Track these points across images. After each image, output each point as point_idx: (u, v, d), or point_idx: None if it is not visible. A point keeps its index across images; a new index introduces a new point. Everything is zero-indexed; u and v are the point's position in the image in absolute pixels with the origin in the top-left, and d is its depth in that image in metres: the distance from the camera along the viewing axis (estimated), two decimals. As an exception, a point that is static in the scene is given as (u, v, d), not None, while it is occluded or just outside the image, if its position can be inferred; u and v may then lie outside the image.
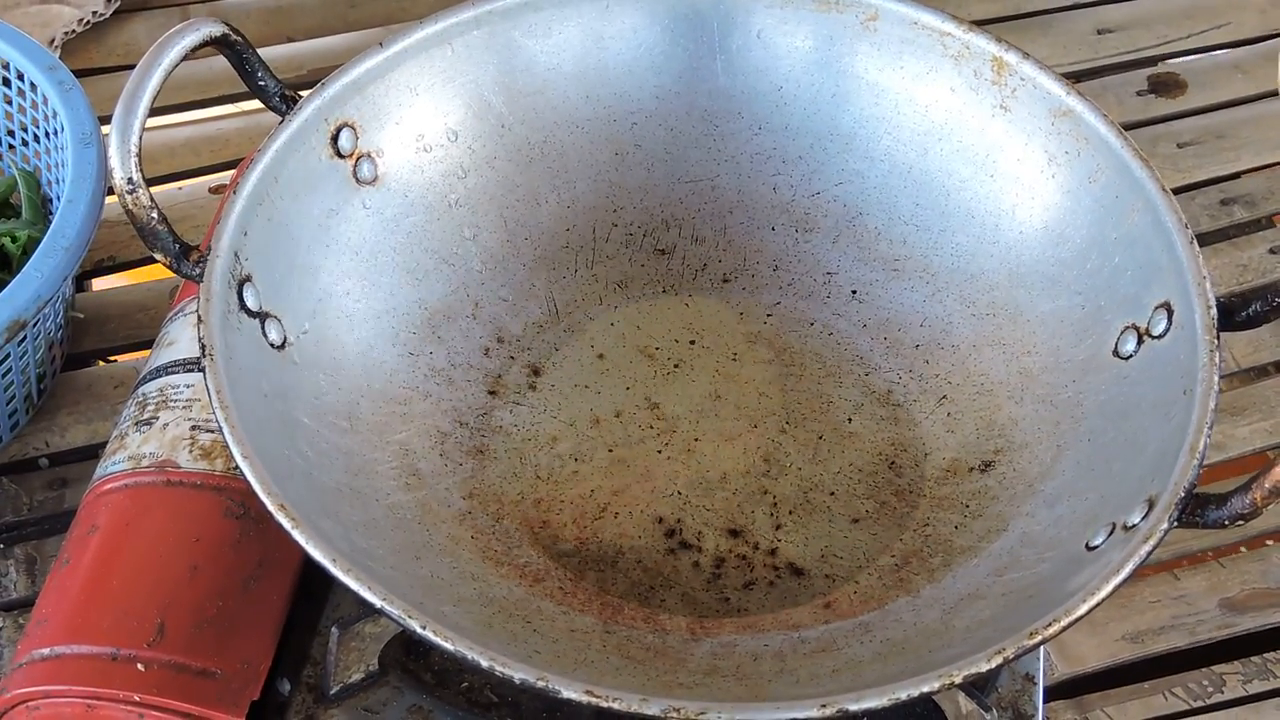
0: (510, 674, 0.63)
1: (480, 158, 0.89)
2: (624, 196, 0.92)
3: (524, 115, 0.90)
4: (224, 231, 0.76)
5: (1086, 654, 0.94)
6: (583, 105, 0.91)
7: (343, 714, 0.77)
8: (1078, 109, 0.84)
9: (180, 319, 0.92)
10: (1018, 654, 0.64)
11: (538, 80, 0.90)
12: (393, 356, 0.84)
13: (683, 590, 0.79)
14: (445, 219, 0.88)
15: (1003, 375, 0.85)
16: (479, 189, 0.89)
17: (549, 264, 0.90)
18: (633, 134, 0.92)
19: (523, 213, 0.90)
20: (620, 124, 0.92)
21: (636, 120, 0.92)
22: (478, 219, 0.89)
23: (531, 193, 0.90)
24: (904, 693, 0.63)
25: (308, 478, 0.74)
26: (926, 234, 0.89)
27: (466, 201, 0.88)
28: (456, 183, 0.88)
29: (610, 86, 0.91)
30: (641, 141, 0.92)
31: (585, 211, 0.91)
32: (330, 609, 0.81)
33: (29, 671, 0.77)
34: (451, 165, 0.88)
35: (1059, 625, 0.65)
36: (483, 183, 0.89)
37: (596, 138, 0.92)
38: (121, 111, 0.74)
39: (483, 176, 0.89)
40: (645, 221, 0.92)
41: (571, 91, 0.91)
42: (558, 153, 0.91)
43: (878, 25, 0.89)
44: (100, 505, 0.83)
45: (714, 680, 0.73)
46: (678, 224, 0.92)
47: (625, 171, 0.92)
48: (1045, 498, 0.78)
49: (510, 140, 0.90)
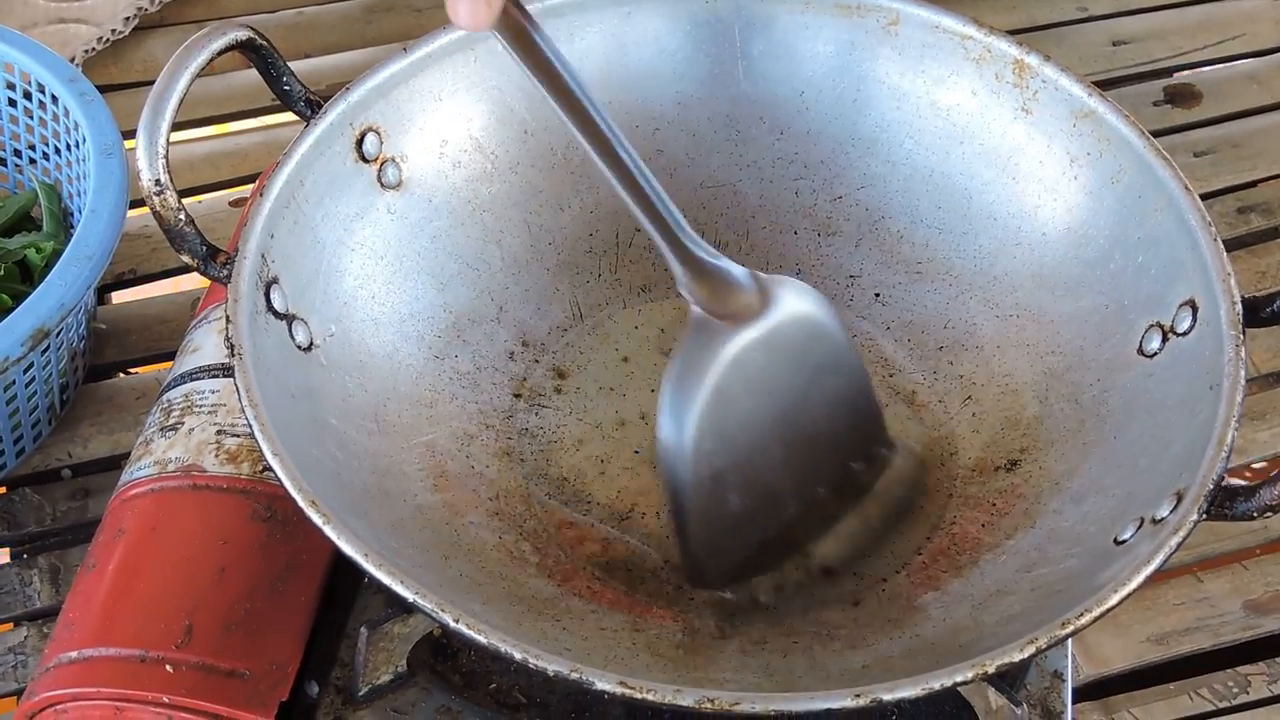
0: (544, 666, 0.63)
1: (504, 163, 0.89)
2: (647, 202, 0.92)
3: (547, 121, 0.90)
4: (251, 234, 0.77)
5: (1112, 655, 0.94)
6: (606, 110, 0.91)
7: (371, 715, 0.77)
8: (1100, 110, 0.85)
9: (204, 326, 0.92)
10: (1050, 644, 0.64)
11: (560, 86, 0.90)
12: (418, 359, 0.84)
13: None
14: (469, 224, 0.88)
15: (1027, 375, 0.85)
16: (502, 194, 0.89)
17: (572, 268, 0.91)
18: (655, 139, 0.92)
19: (546, 218, 0.90)
20: (642, 129, 0.92)
21: (659, 126, 0.92)
22: (501, 224, 0.89)
23: (554, 198, 0.91)
24: (937, 683, 0.63)
25: (336, 478, 0.74)
26: (949, 236, 0.90)
27: (490, 206, 0.89)
28: (480, 188, 0.88)
29: (632, 92, 0.92)
30: (664, 147, 0.92)
31: (608, 216, 0.91)
32: (358, 611, 0.81)
33: (57, 674, 0.77)
34: (475, 171, 0.88)
35: (1090, 616, 0.65)
36: (506, 188, 0.89)
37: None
38: (149, 114, 0.75)
39: (506, 182, 0.89)
40: (668, 226, 0.92)
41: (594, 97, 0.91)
42: (580, 158, 0.91)
43: (899, 29, 0.89)
44: (127, 510, 0.84)
45: (744, 676, 0.73)
46: (700, 228, 0.91)
47: (648, 177, 0.92)
48: (1072, 494, 0.78)
49: (533, 146, 0.90)
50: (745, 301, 0.76)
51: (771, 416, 0.77)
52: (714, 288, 0.75)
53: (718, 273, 0.75)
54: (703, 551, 0.77)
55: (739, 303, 0.76)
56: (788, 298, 0.77)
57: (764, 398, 0.77)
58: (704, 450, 0.74)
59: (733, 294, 0.76)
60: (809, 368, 0.78)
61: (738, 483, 0.76)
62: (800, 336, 0.77)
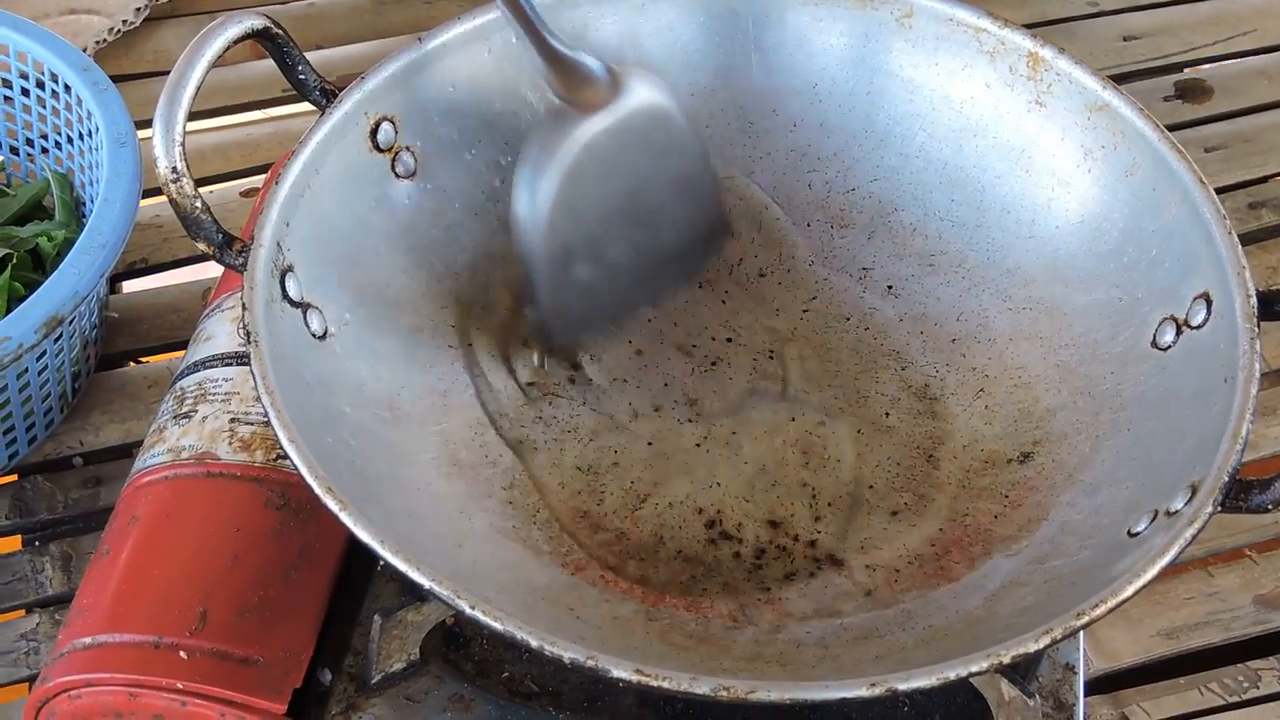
0: (560, 654, 0.63)
1: (517, 153, 0.89)
2: (660, 191, 0.92)
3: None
4: (267, 221, 0.77)
5: (1122, 650, 0.94)
6: (620, 100, 0.91)
7: (384, 703, 0.77)
8: (1114, 103, 0.85)
9: (217, 315, 0.92)
10: (1065, 634, 0.64)
11: (574, 77, 0.90)
12: (432, 348, 0.84)
13: (724, 580, 0.79)
14: (483, 213, 0.88)
15: (1040, 368, 0.85)
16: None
17: (585, 259, 0.91)
18: (668, 130, 0.92)
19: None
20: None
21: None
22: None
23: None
24: (953, 672, 0.63)
25: (351, 466, 0.74)
26: (962, 229, 0.90)
27: (503, 196, 0.88)
28: (493, 178, 0.88)
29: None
30: (678, 137, 0.92)
31: (622, 206, 0.92)
32: (370, 599, 0.81)
33: (71, 660, 0.78)
34: (489, 160, 0.88)
35: (1105, 606, 0.65)
36: (519, 178, 0.89)
37: (632, 134, 0.92)
38: (165, 102, 0.75)
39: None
40: (680, 217, 0.92)
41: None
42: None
43: (913, 22, 0.89)
44: (140, 497, 0.84)
45: (757, 666, 0.73)
46: (712, 219, 0.93)
47: (662, 167, 0.92)
48: (1085, 487, 0.78)
49: (547, 136, 0.90)
50: (598, 91, 0.81)
51: (619, 195, 0.84)
52: (569, 78, 0.81)
53: (573, 64, 0.81)
54: (551, 314, 0.84)
55: (592, 92, 0.81)
56: (638, 87, 0.83)
57: (612, 178, 0.83)
58: (556, 224, 0.81)
59: (587, 84, 0.81)
60: (654, 152, 0.84)
61: (585, 254, 0.83)
62: (648, 123, 0.83)
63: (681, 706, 0.78)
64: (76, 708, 0.78)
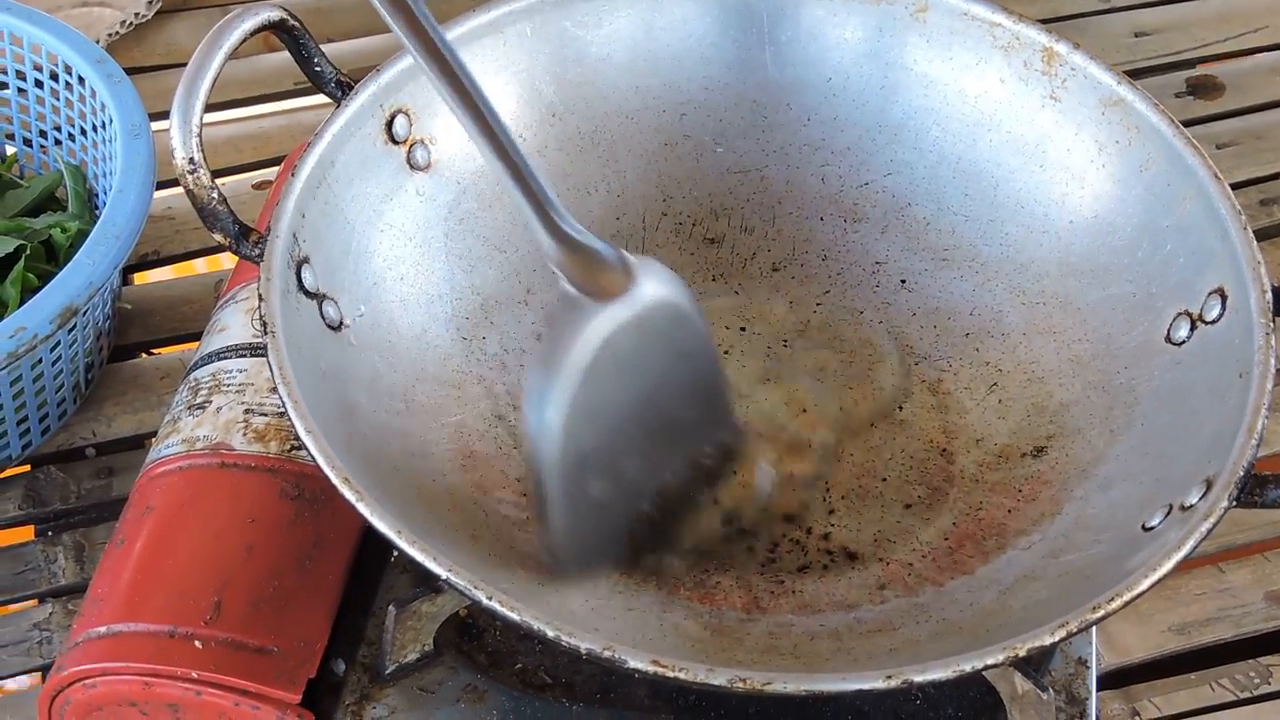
0: (577, 644, 0.63)
1: (531, 146, 0.89)
2: (673, 186, 0.92)
3: (574, 105, 0.90)
4: (283, 213, 0.77)
5: (1133, 645, 0.94)
6: (632, 95, 0.92)
7: (398, 693, 0.78)
8: (1129, 98, 0.85)
9: (231, 306, 0.93)
10: (1081, 628, 0.64)
11: (588, 70, 0.91)
12: (446, 340, 0.84)
13: (738, 573, 0.79)
14: (497, 206, 0.88)
15: (1054, 362, 0.85)
16: (530, 177, 0.89)
17: (599, 252, 0.91)
18: (682, 124, 0.92)
19: (573, 201, 0.90)
20: (669, 114, 0.92)
21: (686, 111, 0.92)
22: (529, 207, 0.89)
23: (582, 182, 0.91)
24: (968, 664, 0.63)
25: (366, 457, 0.74)
26: (975, 224, 0.90)
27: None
28: (507, 171, 0.88)
29: (660, 77, 0.92)
30: (690, 132, 0.92)
31: (635, 201, 0.92)
32: (384, 590, 0.81)
33: (86, 649, 0.78)
34: (503, 154, 0.88)
35: (1121, 600, 0.65)
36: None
37: (646, 128, 0.92)
38: (183, 93, 0.75)
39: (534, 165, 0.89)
40: (694, 211, 0.92)
41: (621, 82, 0.91)
42: (608, 142, 0.91)
43: (927, 17, 0.89)
44: (155, 487, 0.84)
45: (771, 658, 0.73)
46: (727, 214, 0.93)
47: (674, 161, 0.92)
48: (1099, 481, 0.78)
49: (561, 130, 0.90)
50: (612, 279, 0.75)
51: (635, 398, 0.77)
52: (582, 264, 0.74)
53: (586, 249, 0.74)
54: (561, 536, 0.76)
55: (607, 280, 0.75)
56: (652, 279, 0.76)
57: (628, 378, 0.76)
58: (572, 430, 0.74)
59: (601, 271, 0.75)
60: (670, 351, 0.78)
61: (599, 466, 0.76)
62: (664, 319, 0.77)
63: (694, 698, 0.78)
64: (91, 697, 0.78)
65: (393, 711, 0.77)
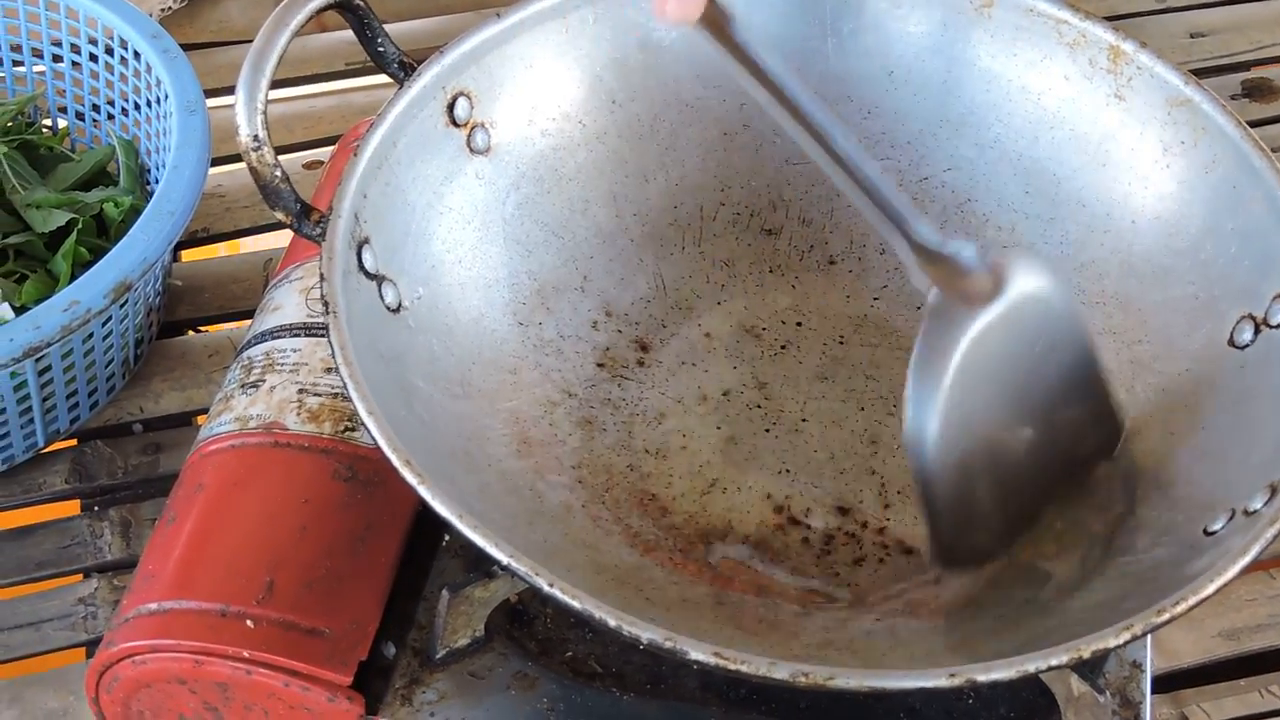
0: (638, 634, 0.63)
1: (591, 133, 0.89)
2: (732, 176, 0.92)
3: (635, 92, 0.90)
4: (345, 193, 0.77)
5: (1182, 650, 0.93)
6: (693, 84, 0.91)
7: (448, 678, 0.77)
8: (1195, 98, 0.84)
9: (285, 285, 0.92)
10: (1146, 630, 0.64)
11: (649, 58, 0.90)
12: (503, 325, 0.84)
13: (792, 564, 0.79)
14: (555, 192, 0.88)
15: (1113, 363, 0.84)
16: (589, 164, 0.89)
17: (656, 241, 0.90)
18: (741, 114, 0.92)
19: (631, 189, 0.90)
20: (729, 104, 0.91)
21: (745, 100, 0.91)
22: (587, 193, 0.89)
23: (640, 169, 0.90)
24: (1032, 665, 0.63)
25: (423, 440, 0.74)
26: (1035, 221, 0.89)
27: (576, 176, 0.88)
28: (567, 157, 0.88)
29: (720, 66, 0.89)
30: (750, 122, 0.92)
31: (693, 190, 0.91)
32: (434, 574, 0.81)
33: (136, 625, 0.78)
34: (562, 139, 0.88)
35: (1186, 604, 0.65)
36: (593, 158, 0.89)
37: (705, 117, 0.92)
38: (249, 70, 0.75)
39: (593, 152, 0.89)
40: (753, 202, 0.92)
41: (682, 70, 0.91)
42: (667, 131, 0.91)
43: (993, 12, 0.89)
44: (207, 464, 0.84)
45: (827, 653, 0.73)
46: (785, 205, 0.92)
47: (733, 152, 0.92)
48: (1159, 484, 0.78)
49: (620, 117, 0.90)
50: (979, 282, 0.74)
51: (1012, 398, 0.76)
52: (947, 271, 0.74)
53: (946, 258, 0.74)
54: (952, 537, 0.77)
55: (974, 284, 0.74)
56: (1020, 275, 0.75)
57: (1004, 380, 0.76)
58: (949, 438, 0.73)
59: (966, 276, 0.74)
60: (1043, 346, 0.77)
61: (982, 468, 0.76)
62: (1035, 315, 0.76)
63: (744, 691, 0.78)
64: (140, 673, 0.78)
65: (443, 696, 0.77)
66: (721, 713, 0.77)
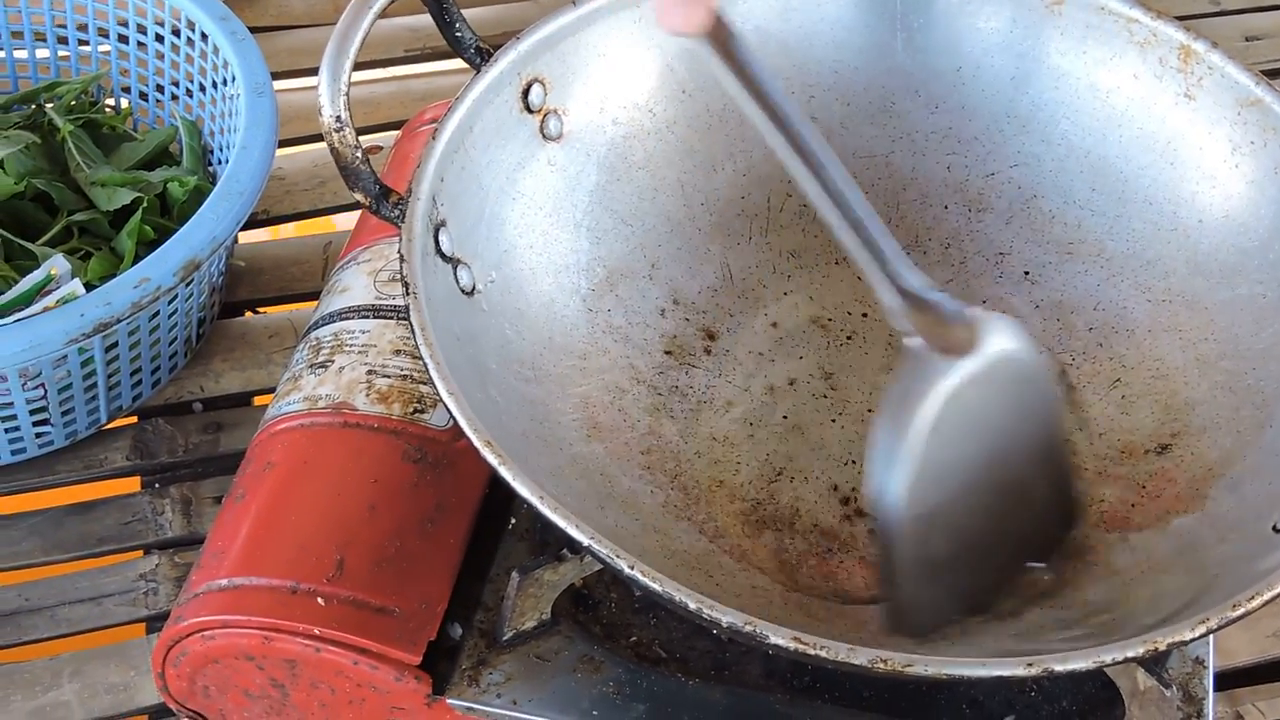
0: (719, 617, 0.63)
1: (661, 122, 0.89)
2: (799, 168, 0.92)
3: (705, 83, 0.90)
4: (424, 176, 0.77)
5: (1238, 648, 0.94)
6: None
7: (514, 660, 0.78)
8: (1267, 99, 0.84)
9: (353, 267, 0.93)
10: (1221, 625, 0.64)
11: (720, 49, 0.90)
12: (573, 311, 0.85)
13: (859, 554, 0.79)
14: (625, 180, 0.88)
15: (1179, 361, 0.84)
16: (658, 153, 0.89)
17: (724, 230, 0.91)
18: (809, 106, 0.92)
19: (700, 178, 0.90)
20: (798, 96, 0.92)
21: (814, 94, 0.92)
22: (656, 182, 0.89)
23: (709, 159, 0.91)
24: (1109, 656, 0.63)
25: (499, 422, 0.74)
26: (1102, 219, 0.89)
27: (646, 164, 0.89)
28: (637, 145, 0.89)
29: (790, 58, 0.92)
30: (817, 114, 0.92)
31: (760, 181, 0.92)
32: (501, 556, 0.82)
33: (206, 600, 0.78)
34: (633, 128, 0.89)
35: (1261, 599, 0.65)
36: (662, 147, 0.89)
37: (774, 108, 0.92)
38: (333, 51, 0.75)
39: (663, 140, 0.89)
40: (819, 194, 0.92)
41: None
42: (735, 121, 0.91)
43: (1063, 10, 0.89)
44: (276, 443, 0.84)
45: (896, 642, 0.73)
46: (851, 198, 0.92)
47: (801, 144, 0.92)
48: (1226, 481, 0.78)
49: (690, 107, 0.90)
50: (959, 335, 0.73)
51: (982, 458, 0.75)
52: (929, 321, 0.73)
53: (931, 305, 0.73)
54: (907, 599, 0.75)
55: (954, 336, 0.73)
56: (999, 333, 0.74)
57: (976, 438, 0.74)
58: (917, 489, 0.72)
59: (948, 327, 0.73)
60: (1016, 410, 0.76)
61: (945, 527, 0.74)
62: (1010, 376, 0.75)
63: (808, 678, 0.78)
64: (209, 648, 0.78)
65: (509, 678, 0.77)
66: (785, 699, 0.77)
